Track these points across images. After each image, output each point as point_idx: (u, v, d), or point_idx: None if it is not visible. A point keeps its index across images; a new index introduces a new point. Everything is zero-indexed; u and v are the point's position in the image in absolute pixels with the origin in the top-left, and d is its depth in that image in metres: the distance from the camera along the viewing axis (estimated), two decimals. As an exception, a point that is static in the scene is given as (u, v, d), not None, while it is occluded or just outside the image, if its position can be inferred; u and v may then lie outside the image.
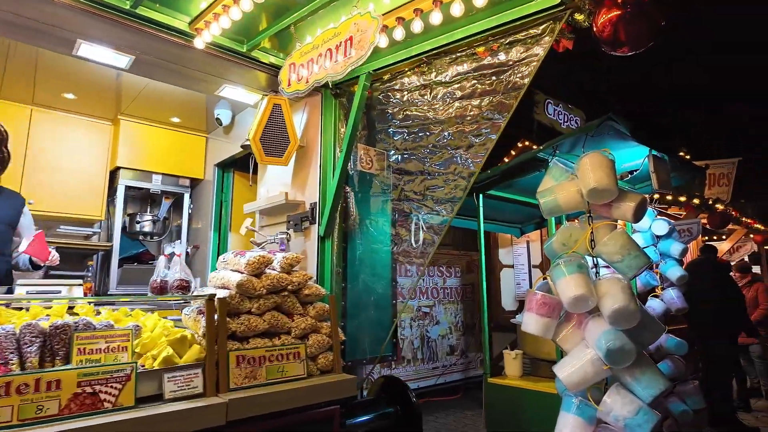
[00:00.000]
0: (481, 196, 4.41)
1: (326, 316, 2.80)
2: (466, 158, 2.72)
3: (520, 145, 8.59)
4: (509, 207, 5.27)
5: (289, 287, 2.67)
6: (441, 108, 2.84)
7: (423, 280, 7.10)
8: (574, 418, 2.36)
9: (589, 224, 2.50)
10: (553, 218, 4.07)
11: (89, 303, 2.49)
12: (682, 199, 7.05)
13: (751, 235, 9.84)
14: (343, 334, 2.91)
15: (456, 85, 2.75)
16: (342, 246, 3.24)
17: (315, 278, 3.20)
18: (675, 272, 4.39)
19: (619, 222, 3.36)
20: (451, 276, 7.51)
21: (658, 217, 4.66)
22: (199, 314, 2.44)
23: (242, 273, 2.55)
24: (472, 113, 2.66)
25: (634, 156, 4.12)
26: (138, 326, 2.41)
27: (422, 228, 3.07)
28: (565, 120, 8.99)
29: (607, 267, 2.53)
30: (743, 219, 9.11)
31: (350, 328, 3.21)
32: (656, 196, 4.93)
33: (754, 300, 6.45)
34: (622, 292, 2.22)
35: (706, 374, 5.17)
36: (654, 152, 3.81)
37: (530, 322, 2.40)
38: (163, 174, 4.96)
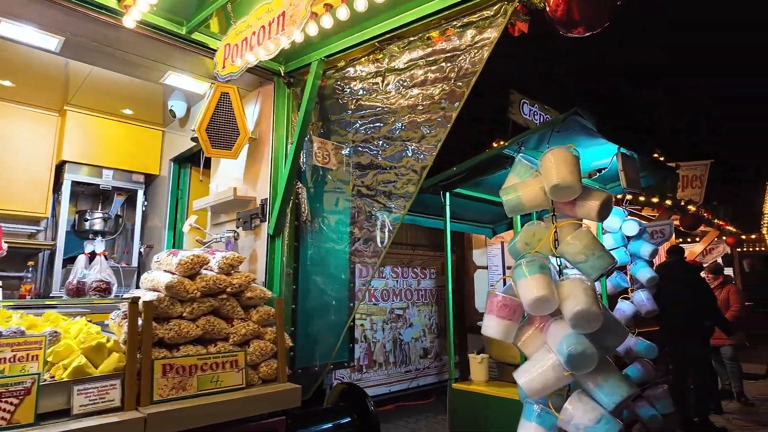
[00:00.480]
0: (447, 194, 4.25)
1: (271, 321, 2.59)
2: (417, 150, 2.54)
3: (495, 145, 8.48)
4: (479, 206, 5.13)
5: (229, 289, 2.45)
6: (394, 97, 2.66)
7: (396, 281, 6.93)
8: (535, 427, 2.29)
9: (553, 223, 2.38)
10: (518, 217, 3.93)
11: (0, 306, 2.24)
12: (655, 200, 7.02)
13: (724, 237, 9.92)
14: (290, 340, 2.70)
15: (409, 73, 2.57)
16: (294, 245, 3.02)
17: (264, 280, 2.97)
18: (645, 273, 4.31)
19: (591, 222, 3.24)
20: (426, 277, 7.36)
21: (629, 217, 4.57)
22: (123, 319, 2.20)
23: (173, 274, 2.32)
24: (424, 102, 2.49)
25: (603, 154, 4.01)
26: (56, 332, 2.18)
27: (388, 226, 2.88)
28: (541, 120, 8.91)
29: (572, 268, 2.41)
30: (715, 221, 9.17)
31: (301, 334, 2.99)
32: (629, 196, 4.85)
33: (725, 302, 6.44)
34: (585, 293, 2.12)
35: (677, 377, 5.10)
36: (623, 150, 3.71)
37: (490, 325, 2.32)
38: (114, 169, 4.67)
